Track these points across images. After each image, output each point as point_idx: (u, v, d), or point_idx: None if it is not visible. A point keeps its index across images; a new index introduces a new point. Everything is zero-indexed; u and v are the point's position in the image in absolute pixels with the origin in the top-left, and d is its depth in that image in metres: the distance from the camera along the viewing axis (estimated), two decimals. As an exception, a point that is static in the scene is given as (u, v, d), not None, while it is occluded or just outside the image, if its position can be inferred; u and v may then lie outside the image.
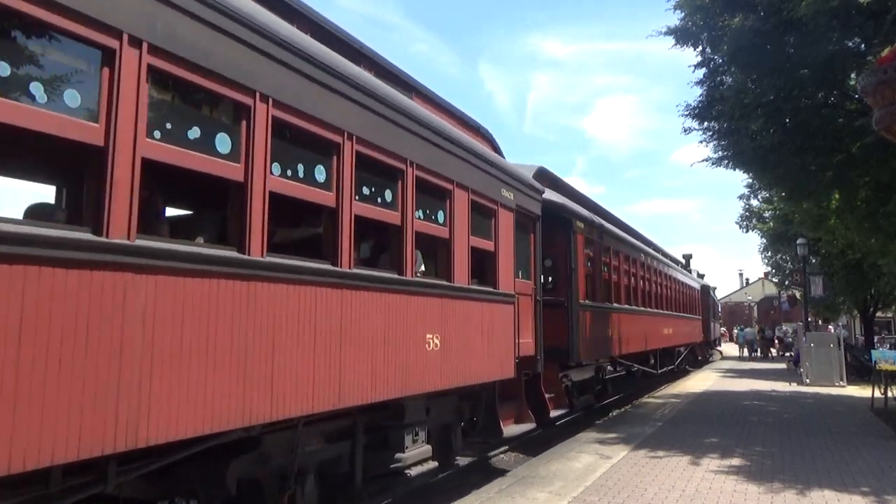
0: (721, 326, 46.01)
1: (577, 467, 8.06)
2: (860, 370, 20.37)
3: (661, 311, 18.52)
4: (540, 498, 6.66)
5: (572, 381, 11.59)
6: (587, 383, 12.94)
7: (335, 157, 4.89)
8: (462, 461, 8.73)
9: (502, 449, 10.27)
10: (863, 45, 12.02)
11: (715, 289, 51.74)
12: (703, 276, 36.66)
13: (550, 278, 11.26)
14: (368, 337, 5.15)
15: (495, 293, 7.57)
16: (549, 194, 10.50)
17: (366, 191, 5.33)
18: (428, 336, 6.01)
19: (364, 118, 5.20)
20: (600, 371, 13.59)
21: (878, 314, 33.44)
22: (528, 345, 8.69)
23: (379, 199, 5.54)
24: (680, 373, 23.27)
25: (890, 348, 20.30)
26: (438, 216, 6.50)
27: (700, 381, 20.97)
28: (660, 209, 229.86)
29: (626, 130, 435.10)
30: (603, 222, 13.47)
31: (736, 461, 8.50)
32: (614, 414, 14.00)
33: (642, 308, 16.13)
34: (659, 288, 18.61)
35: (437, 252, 6.71)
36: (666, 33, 13.36)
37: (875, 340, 28.91)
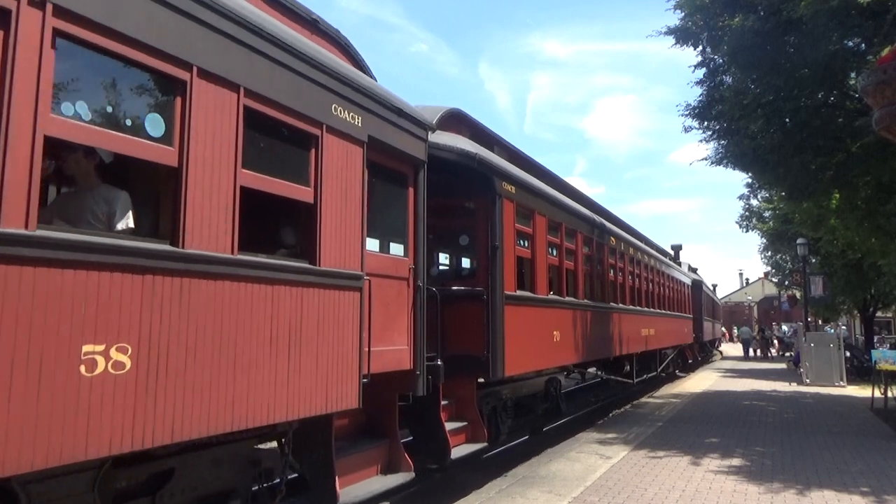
0: (721, 326, 45.91)
1: (577, 467, 8.06)
2: (860, 370, 20.39)
3: (637, 307, 15.54)
4: (540, 498, 6.66)
5: (504, 400, 8.93)
6: (528, 402, 10.10)
7: None
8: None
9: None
10: (863, 45, 12.03)
11: (715, 286, 51.53)
12: (696, 269, 32.21)
13: (466, 261, 8.88)
14: None
15: (311, 272, 4.67)
16: (462, 142, 7.80)
17: None
18: (91, 350, 3.11)
19: None
20: (552, 384, 10.91)
21: (878, 314, 33.44)
22: (397, 354, 5.83)
23: None
24: (667, 379, 20.78)
25: (890, 348, 20.31)
26: (148, 124, 3.62)
27: (700, 381, 20.97)
28: (660, 209, 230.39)
29: (625, 130, 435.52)
30: (549, 189, 10.19)
31: (736, 461, 8.50)
32: (614, 414, 14.00)
33: (611, 304, 13.09)
34: (636, 280, 15.59)
35: (157, 192, 3.96)
36: (666, 33, 13.39)
37: (875, 340, 28.92)
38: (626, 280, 14.74)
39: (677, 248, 27.94)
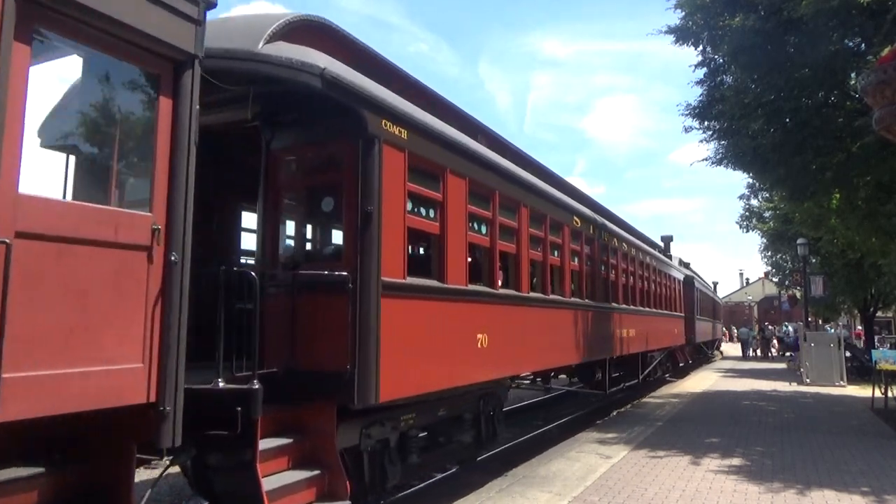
0: (721, 326, 45.85)
1: (577, 467, 8.06)
2: (860, 370, 20.40)
3: (612, 305, 12.89)
4: (540, 498, 6.67)
5: (401, 430, 6.28)
6: (447, 429, 7.46)
7: None
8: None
9: None
10: (863, 45, 12.04)
11: (716, 284, 51.34)
12: (689, 264, 28.42)
13: (330, 235, 6.99)
14: None
15: None
16: (307, 54, 5.15)
17: None
18: None
19: None
20: (488, 402, 8.11)
21: (879, 314, 33.46)
22: (109, 380, 3.38)
23: None
24: (654, 385, 18.97)
25: (890, 348, 20.31)
26: None
27: (700, 381, 20.97)
28: (660, 209, 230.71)
29: (626, 130, 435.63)
30: (471, 142, 7.40)
31: (736, 461, 8.50)
32: (614, 414, 14.00)
33: (571, 300, 10.51)
34: (610, 272, 12.92)
35: None
36: (666, 32, 13.39)
37: (875, 340, 28.93)
38: (596, 271, 12.13)
39: (667, 240, 24.37)
